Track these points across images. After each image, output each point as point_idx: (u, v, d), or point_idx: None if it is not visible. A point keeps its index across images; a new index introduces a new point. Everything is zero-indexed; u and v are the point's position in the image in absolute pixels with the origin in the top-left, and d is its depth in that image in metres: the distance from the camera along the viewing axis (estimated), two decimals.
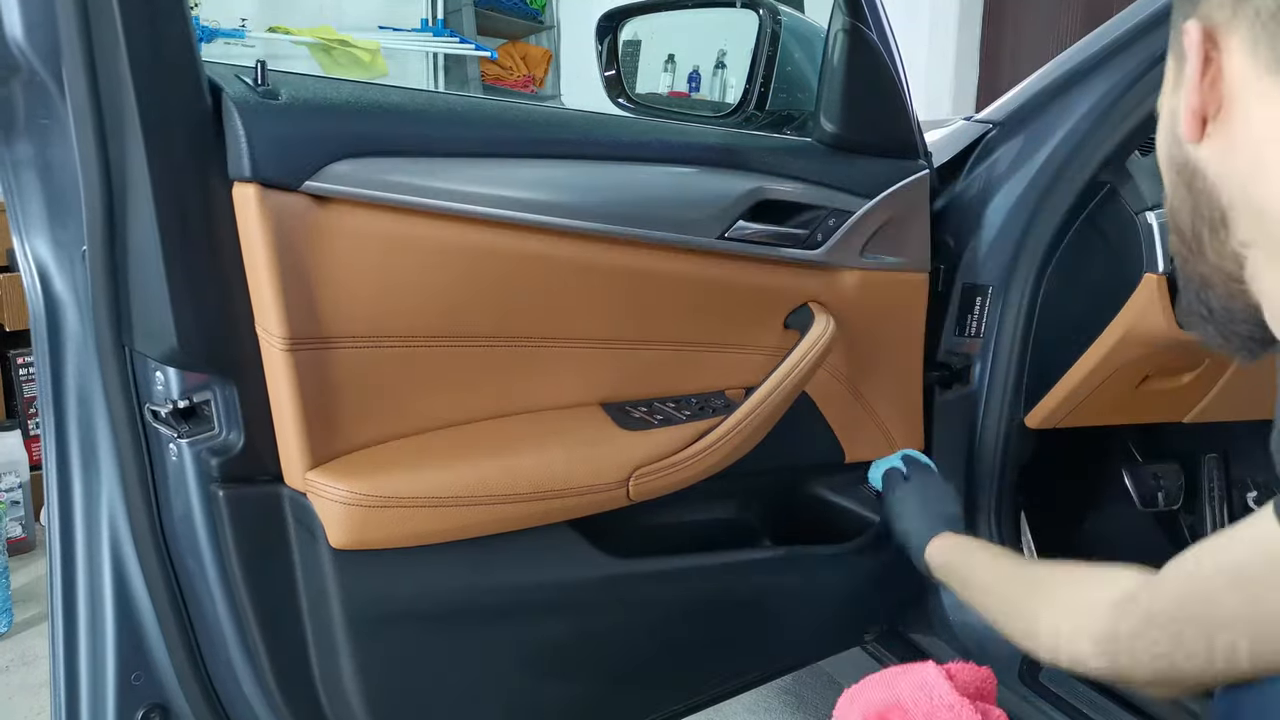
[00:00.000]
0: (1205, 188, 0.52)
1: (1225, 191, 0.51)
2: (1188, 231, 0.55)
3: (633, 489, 0.93)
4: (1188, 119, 0.51)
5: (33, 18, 0.73)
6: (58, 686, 0.87)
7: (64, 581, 0.86)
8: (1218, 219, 0.52)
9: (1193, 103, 0.51)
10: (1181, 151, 0.54)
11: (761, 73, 1.24)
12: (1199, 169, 0.52)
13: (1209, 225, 0.53)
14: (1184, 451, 1.45)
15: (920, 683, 0.54)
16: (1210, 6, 0.50)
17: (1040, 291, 1.16)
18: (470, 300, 0.87)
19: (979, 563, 0.96)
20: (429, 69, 4.07)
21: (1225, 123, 0.50)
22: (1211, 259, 0.54)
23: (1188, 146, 0.53)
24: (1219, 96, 0.50)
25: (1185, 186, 0.54)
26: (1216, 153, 0.51)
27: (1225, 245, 0.52)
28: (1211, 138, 0.51)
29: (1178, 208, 0.55)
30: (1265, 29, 0.47)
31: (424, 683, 0.90)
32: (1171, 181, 0.56)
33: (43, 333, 0.85)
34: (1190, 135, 0.52)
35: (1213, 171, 0.51)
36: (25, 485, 2.24)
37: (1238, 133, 0.50)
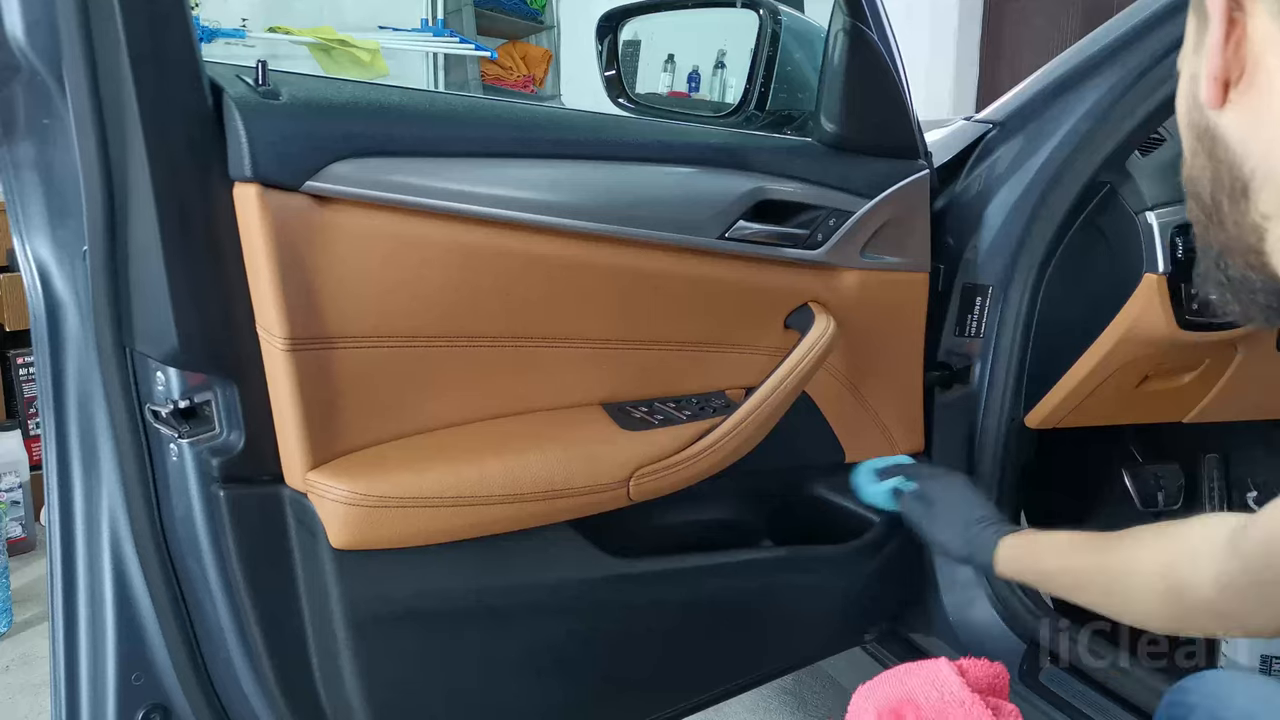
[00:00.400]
0: (1227, 156, 0.50)
1: (1248, 161, 0.49)
2: (1207, 199, 0.53)
3: (633, 489, 0.93)
4: (1210, 84, 0.49)
5: (33, 18, 0.73)
6: (58, 686, 0.87)
7: (64, 581, 0.86)
8: (1239, 189, 0.50)
9: (1215, 67, 0.49)
10: (1203, 117, 0.52)
11: (761, 73, 1.24)
12: (1221, 136, 0.50)
13: (1229, 194, 0.51)
14: (1184, 451, 1.45)
15: (932, 678, 0.54)
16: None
17: (1040, 291, 1.16)
18: (470, 300, 0.87)
19: (1055, 552, 0.93)
20: (429, 69, 4.07)
21: (1249, 89, 0.48)
22: (1231, 229, 0.52)
23: (1209, 112, 0.51)
24: (1243, 61, 0.48)
25: (1206, 154, 0.52)
26: (1240, 120, 0.49)
27: (1246, 216, 0.50)
28: (1235, 104, 0.49)
29: (1197, 175, 0.53)
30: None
31: (424, 683, 0.90)
32: (1191, 147, 0.54)
33: (43, 333, 0.85)
34: (1212, 101, 0.49)
35: (1235, 139, 0.50)
36: (25, 485, 2.24)
37: (1263, 100, 0.48)
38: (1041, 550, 0.95)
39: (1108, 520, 1.47)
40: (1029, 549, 0.96)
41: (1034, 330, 1.17)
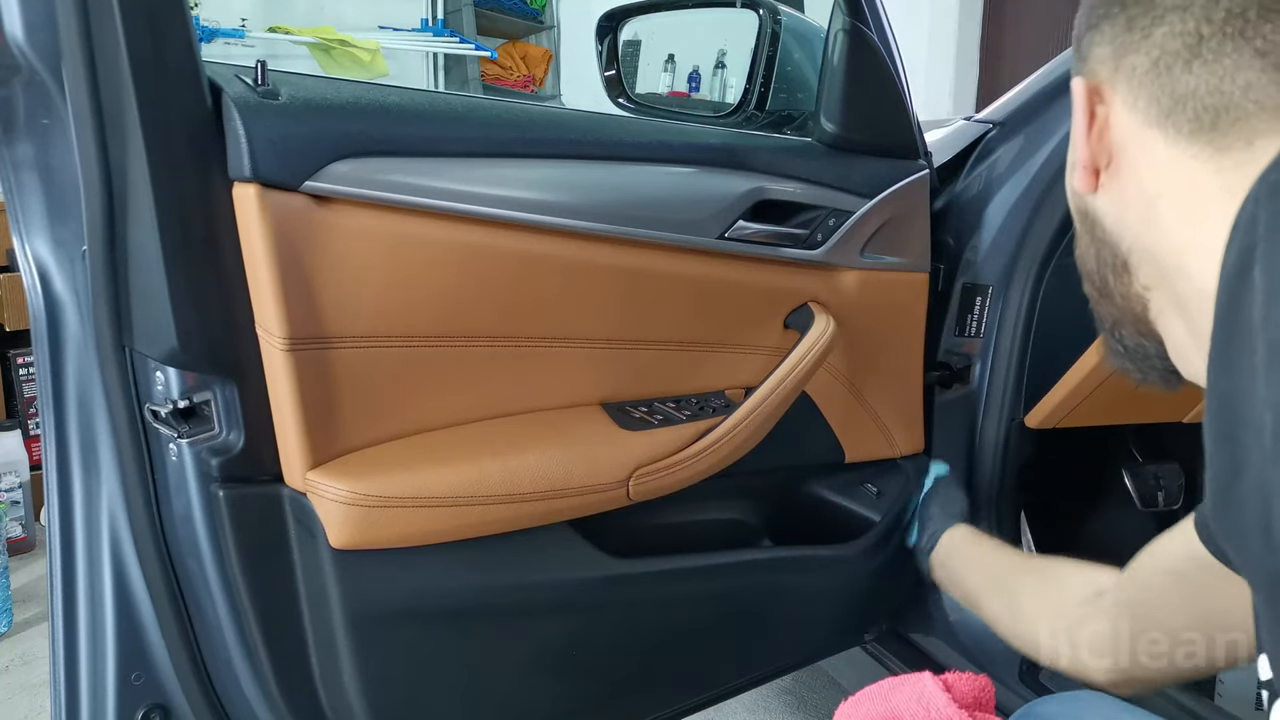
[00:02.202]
0: (1105, 236, 0.54)
1: (1124, 240, 0.53)
2: (1095, 275, 0.57)
3: (633, 489, 0.93)
4: (1080, 172, 0.53)
5: (33, 18, 0.73)
6: (58, 686, 0.87)
7: (64, 581, 0.86)
8: (1120, 265, 0.54)
9: (1083, 155, 0.53)
10: (1081, 201, 0.56)
11: (761, 73, 1.24)
12: (1098, 218, 0.55)
13: (1113, 270, 0.55)
14: (1184, 451, 1.45)
15: (917, 695, 0.53)
16: (1094, 63, 0.52)
17: (1040, 291, 1.16)
18: (470, 300, 0.87)
19: (975, 564, 1.01)
20: (429, 69, 4.08)
21: (1116, 174, 0.52)
22: (1119, 301, 0.55)
23: (1085, 197, 0.55)
24: (1108, 149, 0.52)
25: (1088, 234, 0.56)
26: (1111, 202, 0.53)
27: (1130, 288, 0.54)
28: (1105, 188, 0.53)
29: (1084, 253, 0.58)
30: (1141, 84, 0.49)
31: (424, 683, 0.90)
32: (1078, 229, 0.58)
33: (43, 333, 0.85)
34: (1084, 186, 0.54)
35: (1110, 220, 0.53)
36: (25, 485, 2.24)
37: (1128, 183, 0.51)
38: (963, 561, 1.04)
39: (1108, 520, 1.47)
40: (957, 557, 1.05)
41: (1034, 330, 1.17)
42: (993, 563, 1.00)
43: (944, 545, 1.09)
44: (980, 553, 1.04)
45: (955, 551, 1.07)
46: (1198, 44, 0.46)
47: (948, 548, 1.09)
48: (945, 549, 1.09)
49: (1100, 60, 0.52)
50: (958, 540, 1.08)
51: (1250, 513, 0.38)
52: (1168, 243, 0.49)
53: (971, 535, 1.09)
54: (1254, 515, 0.37)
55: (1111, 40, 0.51)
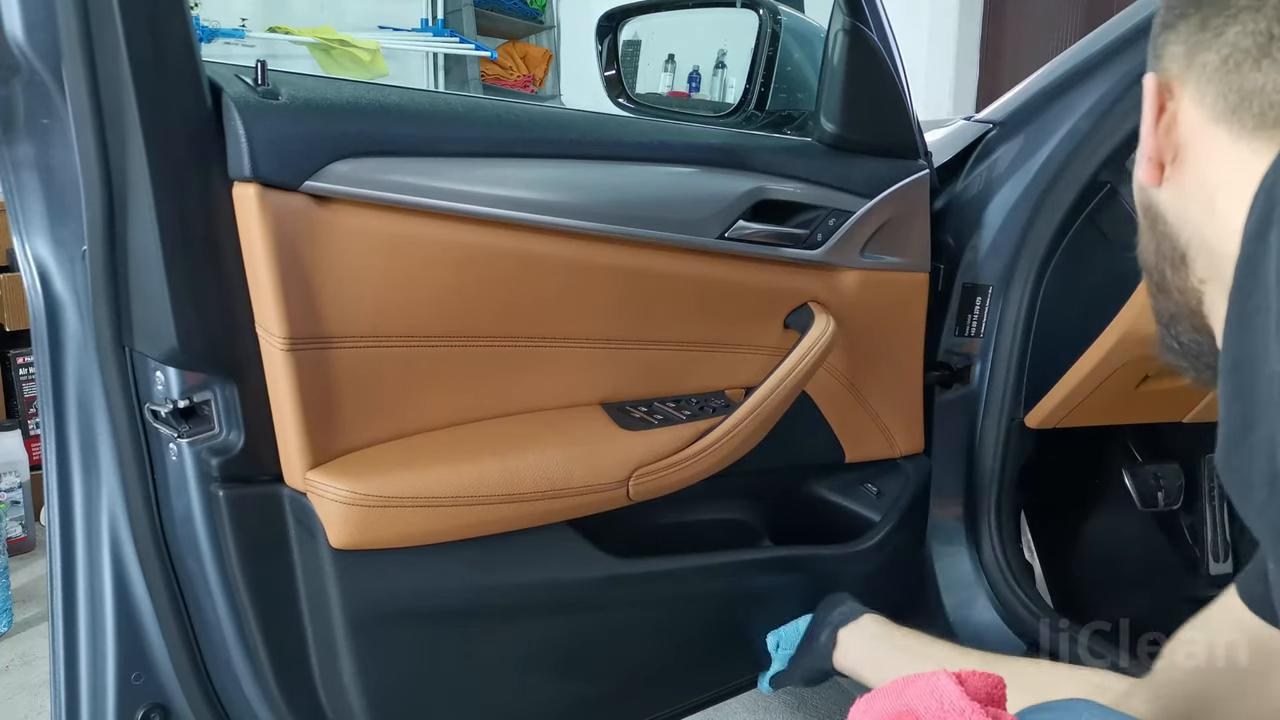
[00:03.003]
0: (1166, 229, 0.56)
1: (1183, 232, 0.54)
2: (1154, 270, 0.58)
3: (632, 489, 0.93)
4: (1145, 165, 0.55)
5: (33, 18, 0.73)
6: (58, 686, 0.87)
7: (64, 581, 0.86)
8: (1178, 258, 0.55)
9: (1149, 149, 0.54)
10: (1146, 195, 0.57)
11: (761, 73, 1.24)
12: (1160, 212, 0.56)
13: (1170, 264, 0.56)
14: (1184, 451, 1.45)
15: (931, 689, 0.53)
16: (1167, 60, 0.54)
17: (1040, 291, 1.16)
18: (470, 300, 0.87)
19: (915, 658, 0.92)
20: (429, 69, 4.07)
21: (1180, 167, 0.53)
22: (1175, 296, 0.57)
23: (1150, 190, 0.56)
24: (1174, 144, 0.53)
25: (1150, 228, 0.58)
26: (1174, 196, 0.54)
27: (1186, 282, 0.55)
28: (1169, 181, 0.54)
29: (1144, 248, 0.59)
30: (1210, 81, 0.50)
31: (424, 682, 0.90)
32: (1141, 224, 0.59)
33: (43, 333, 0.85)
34: (1148, 179, 0.55)
35: (1171, 214, 0.55)
36: (25, 485, 2.24)
37: (1190, 177, 0.53)
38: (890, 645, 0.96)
39: (1108, 520, 1.47)
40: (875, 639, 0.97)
41: (1034, 330, 1.17)
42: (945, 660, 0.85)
43: (862, 627, 1.00)
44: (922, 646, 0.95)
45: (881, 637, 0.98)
46: (1268, 43, 0.47)
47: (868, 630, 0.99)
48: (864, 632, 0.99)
49: (1174, 58, 0.53)
50: (880, 626, 0.99)
51: (1258, 463, 0.39)
52: (1224, 230, 0.50)
53: (894, 626, 0.99)
54: (1261, 466, 0.39)
55: (1186, 39, 0.52)
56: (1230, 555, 1.43)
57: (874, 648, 0.98)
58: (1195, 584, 1.42)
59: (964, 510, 1.22)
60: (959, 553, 1.22)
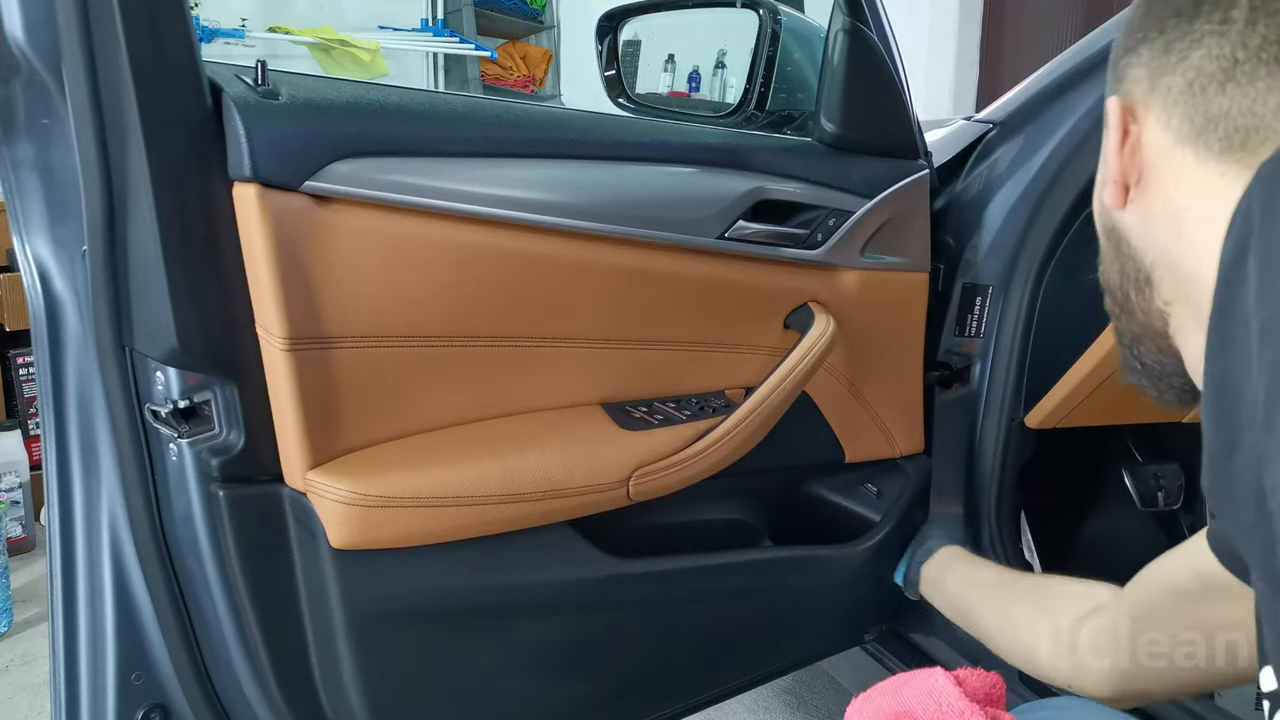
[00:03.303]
0: (1130, 251, 0.56)
1: (1148, 254, 0.55)
2: (1117, 291, 0.59)
3: (633, 489, 0.93)
4: (1110, 187, 0.55)
5: (33, 18, 0.73)
6: (58, 686, 0.87)
7: (64, 581, 0.86)
8: (1143, 279, 0.56)
9: (1114, 172, 0.55)
10: (1109, 218, 0.58)
11: (761, 73, 1.24)
12: (1124, 234, 0.56)
13: (1135, 285, 0.57)
14: (1184, 451, 1.45)
15: (929, 689, 0.54)
16: (1130, 84, 0.54)
17: (1040, 291, 1.16)
18: (470, 300, 0.87)
19: (967, 580, 1.04)
20: (429, 69, 4.08)
21: (1145, 190, 0.54)
22: (1139, 317, 0.57)
23: (1113, 212, 0.57)
24: (1139, 166, 0.54)
25: (1114, 249, 0.58)
26: (1138, 218, 0.55)
27: (1151, 304, 0.56)
28: (1133, 204, 0.55)
29: (1107, 269, 0.60)
30: (1176, 105, 0.51)
31: (424, 682, 0.90)
32: (1103, 245, 0.60)
33: (43, 333, 0.85)
34: (1113, 202, 0.56)
35: (1136, 236, 0.56)
36: (25, 485, 2.24)
37: (1155, 199, 0.53)
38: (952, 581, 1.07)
39: (1108, 520, 1.47)
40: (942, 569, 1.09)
41: (1034, 330, 1.17)
42: (986, 579, 1.01)
43: (936, 560, 1.11)
44: (973, 570, 1.06)
45: (947, 567, 1.09)
46: (1233, 67, 0.48)
47: (940, 563, 1.10)
48: (938, 564, 1.10)
49: (1136, 81, 0.54)
50: (950, 557, 1.10)
51: (1244, 485, 0.39)
52: (1190, 254, 0.51)
53: (964, 554, 1.10)
54: (1247, 487, 0.39)
55: (1149, 63, 0.53)
56: None
57: (942, 582, 1.09)
58: None
59: (964, 510, 1.22)
60: None
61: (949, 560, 1.10)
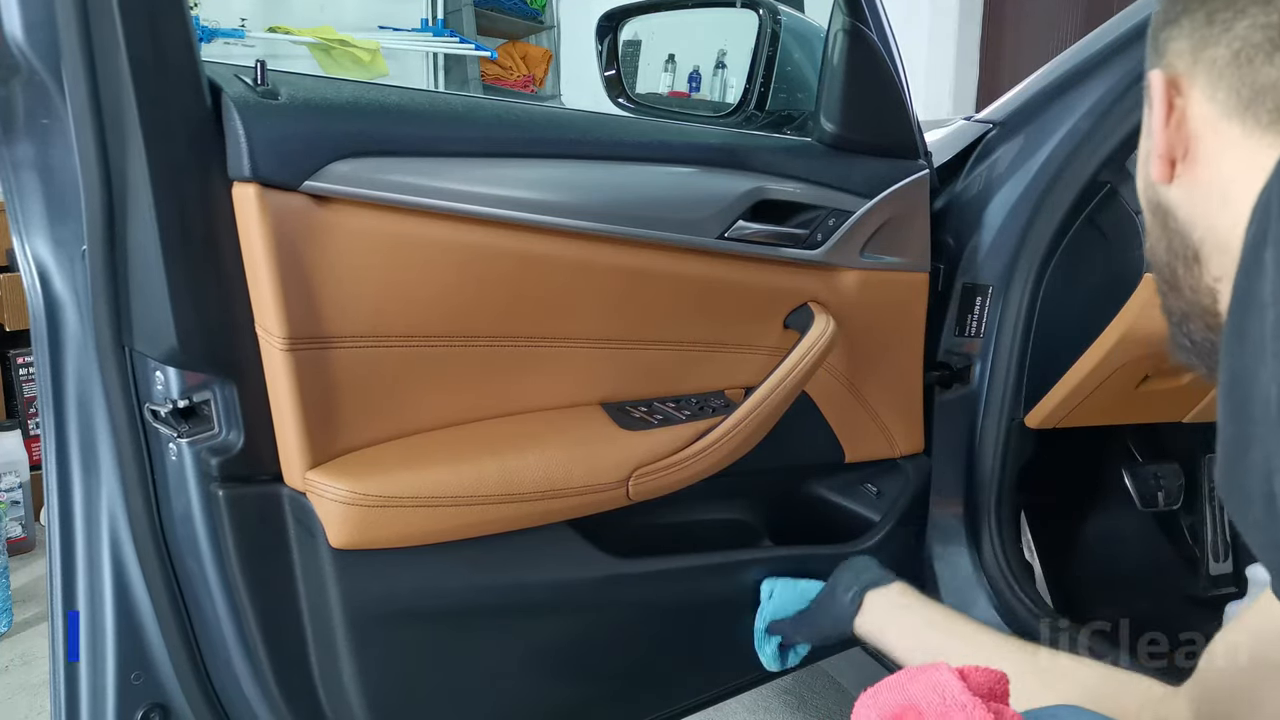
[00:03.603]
0: (1178, 227, 0.54)
1: (1196, 230, 0.53)
2: (1165, 268, 0.57)
3: (632, 489, 0.93)
4: (1156, 162, 0.54)
5: (33, 18, 0.73)
6: (57, 686, 0.87)
7: (64, 581, 0.86)
8: (1191, 256, 0.54)
9: (1160, 146, 0.53)
10: (1155, 193, 0.56)
11: (761, 73, 1.24)
12: (1171, 209, 0.55)
13: (1183, 262, 0.55)
14: (1184, 451, 1.45)
15: (933, 684, 0.54)
16: (1172, 56, 0.53)
17: (1040, 291, 1.16)
18: (470, 300, 0.87)
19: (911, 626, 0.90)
20: (429, 69, 4.07)
21: (1192, 164, 0.52)
22: (1187, 294, 0.56)
23: (1159, 187, 0.55)
24: (1185, 139, 0.52)
25: (1160, 226, 0.57)
26: (1185, 193, 0.53)
27: (1200, 281, 0.54)
28: (1180, 179, 0.53)
29: (1154, 246, 0.58)
30: (1221, 76, 0.50)
31: (424, 682, 0.90)
32: (1149, 221, 0.58)
33: (43, 333, 0.85)
34: (1160, 176, 0.54)
35: (1183, 211, 0.54)
36: (25, 485, 2.24)
37: (1203, 173, 0.52)
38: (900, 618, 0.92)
39: (1108, 520, 1.47)
40: (888, 611, 0.93)
41: (1034, 330, 1.17)
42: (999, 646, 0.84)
43: (872, 610, 0.94)
44: (925, 625, 0.90)
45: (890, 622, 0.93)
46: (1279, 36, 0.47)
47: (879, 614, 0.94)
48: (876, 616, 0.94)
49: (1178, 54, 0.52)
50: (891, 604, 0.94)
51: (1255, 482, 0.39)
52: (1239, 230, 0.49)
53: (911, 599, 0.94)
54: (1258, 485, 0.39)
55: (1190, 34, 0.51)
56: (1230, 555, 1.43)
57: (902, 617, 0.93)
58: (1195, 584, 1.42)
59: (964, 510, 1.22)
60: (959, 553, 1.22)
61: (910, 600, 0.94)
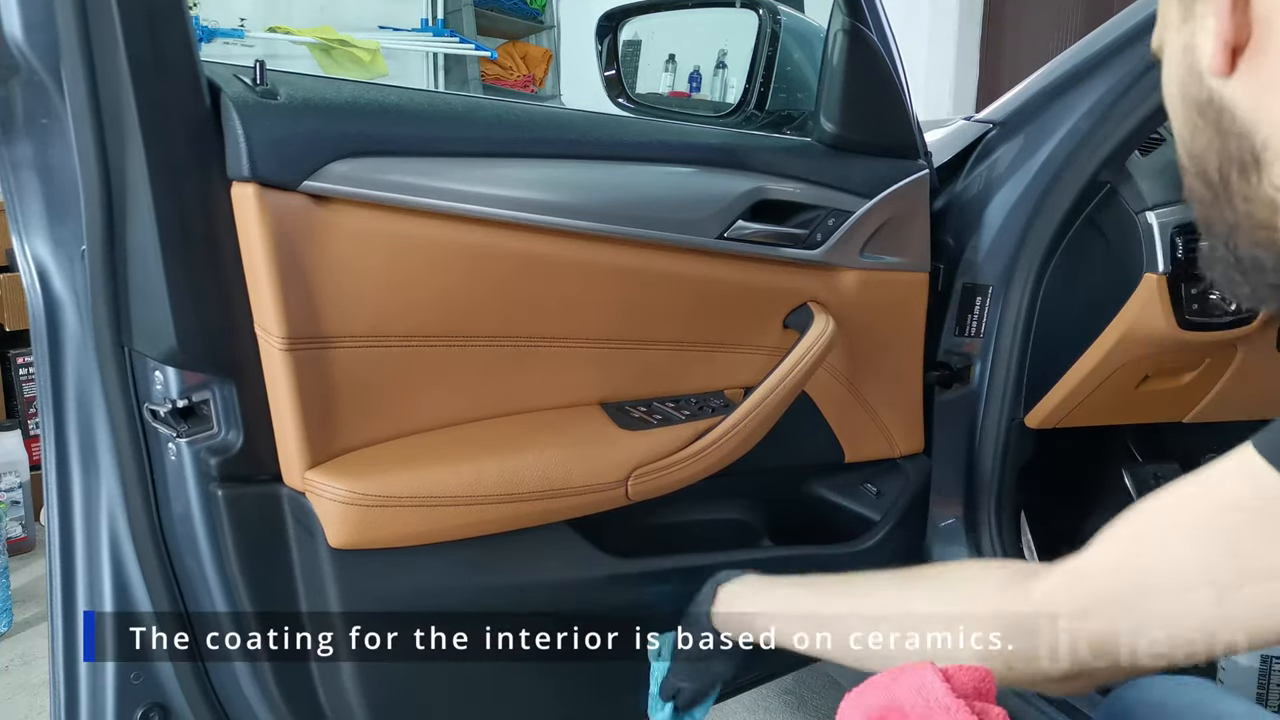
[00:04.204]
0: (1235, 127, 0.48)
1: (1260, 131, 0.46)
2: (1214, 175, 0.50)
3: (632, 489, 0.93)
4: (1219, 50, 0.46)
5: (32, 18, 0.73)
6: (57, 686, 0.87)
7: (64, 581, 0.86)
8: (1251, 160, 0.47)
9: (1225, 31, 0.46)
10: (1204, 88, 0.49)
11: (761, 73, 1.24)
12: (1227, 107, 0.48)
13: (1239, 167, 0.48)
14: (1184, 451, 1.45)
15: (917, 685, 0.54)
16: None
17: (1040, 291, 1.16)
18: (469, 300, 0.87)
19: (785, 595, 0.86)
20: (429, 69, 4.07)
21: (1259, 54, 0.45)
22: (1240, 205, 0.49)
23: (1213, 82, 0.48)
24: (1249, 24, 0.45)
25: (1211, 127, 0.49)
26: (1250, 88, 0.46)
27: (1258, 190, 0.48)
28: (1243, 70, 0.46)
29: (1201, 150, 0.51)
30: None
31: (423, 683, 0.89)
32: (1191, 123, 0.51)
33: (42, 333, 0.85)
34: (1220, 69, 0.46)
35: (1245, 108, 0.47)
36: (25, 485, 2.24)
37: (1274, 66, 0.45)
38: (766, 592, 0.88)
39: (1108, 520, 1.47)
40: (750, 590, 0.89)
41: (1034, 330, 1.17)
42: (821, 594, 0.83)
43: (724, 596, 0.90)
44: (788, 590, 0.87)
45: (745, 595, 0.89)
46: None
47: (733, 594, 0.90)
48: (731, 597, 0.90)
49: None
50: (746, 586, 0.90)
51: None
52: None
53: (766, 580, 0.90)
54: None
55: None
56: None
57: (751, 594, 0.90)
58: None
59: (964, 510, 1.22)
60: (959, 553, 1.22)
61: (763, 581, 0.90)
